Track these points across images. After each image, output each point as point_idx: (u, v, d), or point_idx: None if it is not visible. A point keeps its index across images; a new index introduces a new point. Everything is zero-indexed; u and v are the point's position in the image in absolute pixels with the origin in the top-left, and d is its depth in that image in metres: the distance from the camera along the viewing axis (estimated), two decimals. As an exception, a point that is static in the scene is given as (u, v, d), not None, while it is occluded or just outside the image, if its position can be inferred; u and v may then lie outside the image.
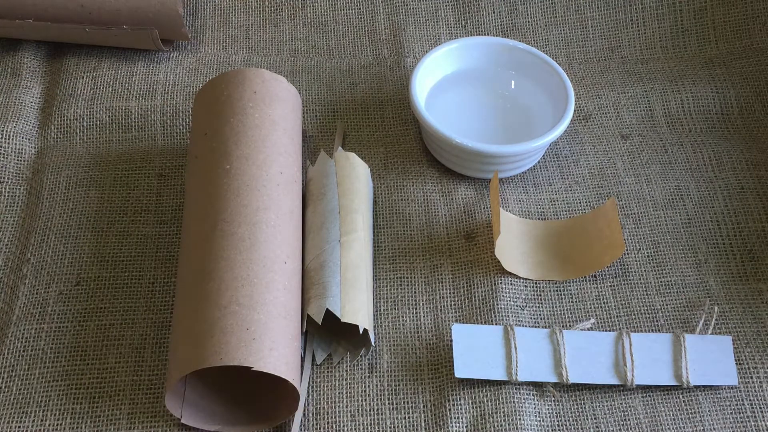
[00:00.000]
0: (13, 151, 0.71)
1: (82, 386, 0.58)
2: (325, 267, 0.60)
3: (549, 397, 0.58)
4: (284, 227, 0.58)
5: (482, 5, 0.83)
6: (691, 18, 0.82)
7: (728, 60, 0.80)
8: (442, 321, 0.62)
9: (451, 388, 0.58)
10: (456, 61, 0.75)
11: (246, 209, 0.58)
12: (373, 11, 0.83)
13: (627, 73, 0.80)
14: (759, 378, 0.59)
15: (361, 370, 0.59)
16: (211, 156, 0.61)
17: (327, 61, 0.81)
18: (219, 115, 0.63)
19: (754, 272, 0.65)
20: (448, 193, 0.70)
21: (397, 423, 0.57)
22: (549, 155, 0.73)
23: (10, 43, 0.79)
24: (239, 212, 0.57)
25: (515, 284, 0.64)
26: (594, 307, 0.63)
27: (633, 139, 0.74)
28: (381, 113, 0.76)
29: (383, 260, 0.65)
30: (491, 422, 0.56)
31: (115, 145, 0.73)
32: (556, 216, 0.69)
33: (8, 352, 0.59)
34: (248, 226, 0.57)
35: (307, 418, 0.57)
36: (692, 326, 0.62)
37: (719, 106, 0.77)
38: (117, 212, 0.68)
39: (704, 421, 0.57)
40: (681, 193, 0.70)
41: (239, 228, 0.56)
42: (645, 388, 0.58)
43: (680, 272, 0.65)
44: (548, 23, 0.83)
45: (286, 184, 0.61)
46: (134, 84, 0.77)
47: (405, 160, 0.72)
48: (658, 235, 0.67)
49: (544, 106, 0.73)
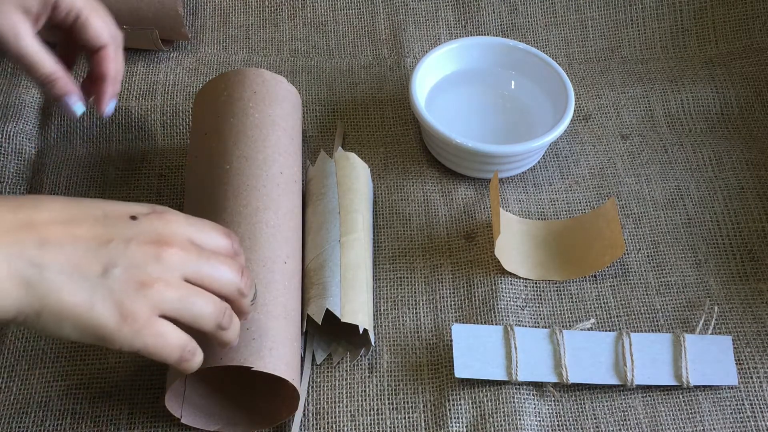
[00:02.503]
0: (13, 151, 0.71)
1: (82, 386, 0.58)
2: (325, 267, 0.60)
3: (549, 397, 0.58)
4: (284, 227, 0.58)
5: (482, 5, 0.83)
6: (691, 18, 0.82)
7: (728, 60, 0.80)
8: (442, 321, 0.62)
9: (451, 388, 0.58)
10: (456, 61, 0.75)
11: (246, 209, 0.57)
12: (373, 11, 0.83)
13: (627, 73, 0.80)
14: (759, 378, 0.59)
15: (361, 370, 0.59)
16: (210, 156, 0.61)
17: (327, 61, 0.81)
18: (219, 115, 0.63)
19: (754, 272, 0.65)
20: (448, 193, 0.70)
21: (397, 423, 0.57)
22: (549, 155, 0.73)
23: (10, 43, 0.79)
24: (239, 212, 0.57)
25: (515, 284, 0.64)
26: (594, 307, 0.63)
27: (633, 139, 0.74)
28: (381, 113, 0.76)
29: (383, 260, 0.65)
30: (491, 422, 0.56)
31: (115, 145, 0.73)
32: (556, 216, 0.69)
33: (8, 352, 0.59)
34: (248, 226, 0.57)
35: (307, 418, 0.57)
36: (692, 326, 0.62)
37: (719, 106, 0.77)
38: (117, 212, 0.68)
39: (704, 421, 0.57)
40: (681, 193, 0.70)
41: (239, 228, 0.56)
42: (645, 388, 0.58)
43: (680, 272, 0.65)
44: (548, 23, 0.83)
45: (286, 184, 0.61)
46: (134, 84, 0.77)
47: (405, 160, 0.72)
48: (658, 235, 0.67)
49: (544, 106, 0.73)
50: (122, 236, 0.44)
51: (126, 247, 0.44)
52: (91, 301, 0.43)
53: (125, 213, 0.46)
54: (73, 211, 0.44)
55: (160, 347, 0.45)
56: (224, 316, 0.47)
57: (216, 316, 0.47)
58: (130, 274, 0.44)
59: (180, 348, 0.46)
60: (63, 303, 0.42)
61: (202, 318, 0.46)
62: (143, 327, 0.44)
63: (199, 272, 0.46)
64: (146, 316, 0.44)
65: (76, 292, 0.43)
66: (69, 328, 0.43)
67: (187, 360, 0.47)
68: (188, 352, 0.46)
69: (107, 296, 0.43)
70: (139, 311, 0.44)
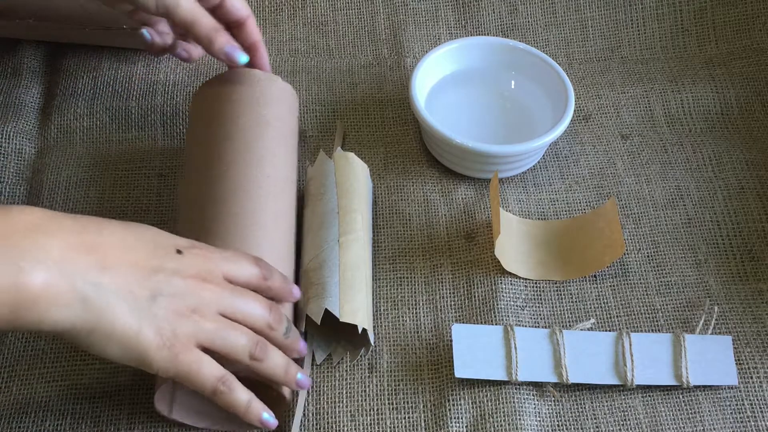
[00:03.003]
0: (13, 151, 0.71)
1: (82, 386, 0.58)
2: (324, 267, 0.60)
3: (549, 397, 0.58)
4: (272, 231, 0.58)
5: (482, 5, 0.83)
6: (691, 18, 0.82)
7: (728, 60, 0.80)
8: (442, 321, 0.62)
9: (451, 388, 0.58)
10: (456, 61, 0.75)
11: (236, 216, 0.57)
12: (373, 11, 0.83)
13: (627, 73, 0.80)
14: (759, 378, 0.59)
15: (361, 370, 0.59)
16: (202, 158, 0.61)
17: (327, 61, 0.81)
18: (211, 117, 0.63)
19: (754, 272, 0.65)
20: (448, 193, 0.70)
21: (397, 423, 0.57)
22: (549, 155, 0.73)
23: (10, 43, 0.79)
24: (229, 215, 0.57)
25: (515, 284, 0.64)
26: (594, 307, 0.63)
27: (633, 139, 0.74)
28: (381, 113, 0.76)
29: (383, 260, 0.65)
30: (491, 422, 0.56)
31: (115, 145, 0.73)
32: (556, 216, 0.69)
33: (8, 352, 0.59)
34: (237, 229, 0.57)
35: (307, 418, 0.57)
36: (692, 326, 0.62)
37: (719, 106, 0.77)
38: (117, 212, 0.68)
39: (704, 421, 0.57)
40: (681, 193, 0.70)
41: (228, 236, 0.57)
42: (645, 388, 0.58)
43: (680, 272, 0.65)
44: (548, 23, 0.83)
45: (276, 185, 0.60)
46: (134, 84, 0.77)
47: (405, 160, 0.72)
48: (658, 235, 0.67)
49: (544, 106, 0.73)
50: (169, 268, 0.49)
51: (171, 278, 0.49)
52: (139, 324, 0.47)
53: (172, 245, 0.50)
54: (130, 239, 0.49)
55: (195, 373, 0.49)
56: (257, 348, 0.51)
57: (249, 347, 0.50)
58: (173, 304, 0.48)
59: (215, 378, 0.49)
60: (115, 323, 0.46)
61: (235, 348, 0.50)
62: (180, 353, 0.48)
63: (233, 306, 0.50)
64: (184, 343, 0.48)
65: (128, 314, 0.47)
66: (115, 347, 0.47)
67: (222, 392, 0.50)
68: (224, 384, 0.50)
69: (152, 321, 0.47)
70: (178, 337, 0.48)
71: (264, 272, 0.54)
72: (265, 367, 0.52)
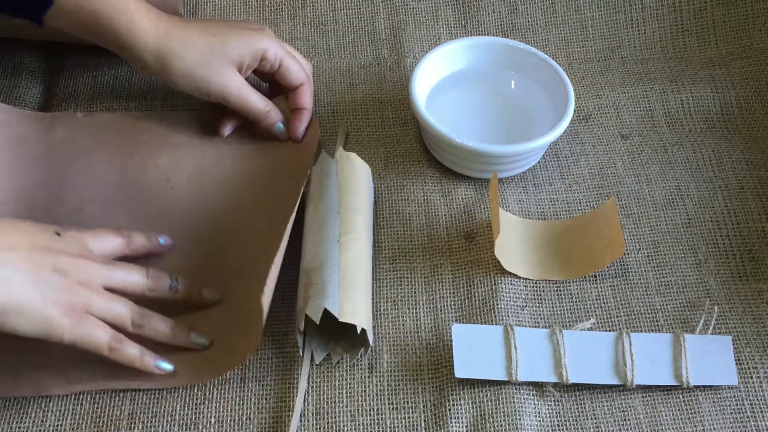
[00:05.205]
0: (13, 151, 0.71)
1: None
2: (324, 267, 0.60)
3: (549, 397, 0.58)
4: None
5: (482, 5, 0.83)
6: (691, 18, 0.82)
7: (728, 60, 0.80)
8: (442, 321, 0.62)
9: (451, 388, 0.58)
10: (456, 61, 0.75)
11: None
12: (373, 11, 0.83)
13: (627, 73, 0.80)
14: (759, 378, 0.59)
15: (361, 370, 0.59)
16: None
17: (327, 61, 0.81)
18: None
19: (754, 272, 0.65)
20: (448, 193, 0.70)
21: (397, 423, 0.57)
22: (549, 155, 0.73)
23: (10, 43, 0.79)
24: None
25: (515, 284, 0.64)
26: (594, 307, 0.63)
27: (633, 139, 0.74)
28: (381, 113, 0.76)
29: (383, 260, 0.65)
30: (491, 422, 0.56)
31: (115, 145, 0.73)
32: (556, 216, 0.69)
33: (8, 352, 0.60)
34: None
35: (306, 418, 0.57)
36: (692, 326, 0.62)
37: (719, 106, 0.77)
38: (117, 212, 0.68)
39: (704, 421, 0.57)
40: (681, 193, 0.70)
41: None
42: (645, 388, 0.58)
43: (680, 272, 0.65)
44: (548, 23, 0.83)
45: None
46: (134, 84, 0.77)
47: (405, 160, 0.72)
48: (658, 235, 0.67)
49: (544, 106, 0.73)
50: (56, 248, 0.54)
51: (60, 256, 0.53)
52: (44, 299, 0.51)
53: (50, 229, 0.55)
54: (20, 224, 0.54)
55: (93, 337, 0.53)
56: (137, 316, 0.56)
57: (131, 316, 0.56)
58: (66, 280, 0.53)
59: (108, 337, 0.54)
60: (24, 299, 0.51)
61: (119, 317, 0.55)
62: (78, 321, 0.53)
63: (112, 279, 0.56)
64: (79, 312, 0.53)
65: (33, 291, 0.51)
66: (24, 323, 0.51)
67: (116, 349, 0.54)
68: (117, 341, 0.54)
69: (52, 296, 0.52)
70: (74, 308, 0.53)
71: (126, 240, 0.60)
72: (147, 332, 0.56)
